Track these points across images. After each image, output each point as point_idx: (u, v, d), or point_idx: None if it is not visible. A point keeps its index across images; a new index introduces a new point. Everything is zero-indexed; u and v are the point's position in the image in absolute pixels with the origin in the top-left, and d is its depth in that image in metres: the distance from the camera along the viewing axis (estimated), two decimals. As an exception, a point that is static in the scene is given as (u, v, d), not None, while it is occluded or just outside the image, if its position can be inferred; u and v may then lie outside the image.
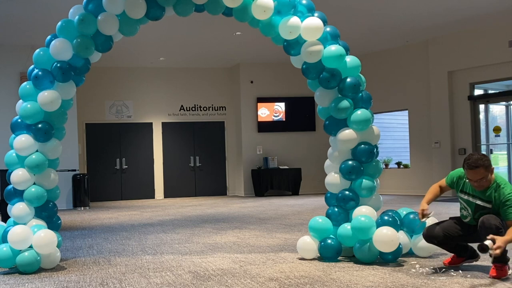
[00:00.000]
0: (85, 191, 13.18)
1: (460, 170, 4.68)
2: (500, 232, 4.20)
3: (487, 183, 4.41)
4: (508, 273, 4.37)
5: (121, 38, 5.71)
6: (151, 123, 16.00)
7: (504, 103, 13.58)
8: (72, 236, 7.70)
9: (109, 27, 5.37)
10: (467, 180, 4.51)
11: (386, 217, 5.16)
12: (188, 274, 4.80)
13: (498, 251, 3.98)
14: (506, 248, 4.21)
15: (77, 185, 13.15)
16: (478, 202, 4.50)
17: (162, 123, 16.08)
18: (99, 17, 5.33)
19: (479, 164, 4.34)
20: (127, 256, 5.89)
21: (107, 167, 15.52)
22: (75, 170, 13.20)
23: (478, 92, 13.50)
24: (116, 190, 15.57)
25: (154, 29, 11.60)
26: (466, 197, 4.60)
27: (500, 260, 4.29)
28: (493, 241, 4.02)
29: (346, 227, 5.17)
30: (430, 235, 4.74)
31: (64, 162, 13.04)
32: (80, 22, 5.29)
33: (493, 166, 4.46)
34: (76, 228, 8.75)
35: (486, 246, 3.98)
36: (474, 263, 4.88)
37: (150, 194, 15.86)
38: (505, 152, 13.54)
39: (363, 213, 5.13)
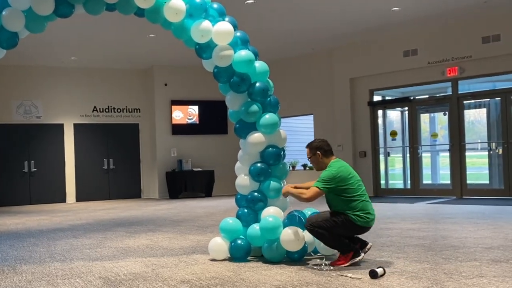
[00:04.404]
0: (-10, 196, 12.44)
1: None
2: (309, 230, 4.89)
3: (316, 165, 5.09)
4: (346, 263, 4.83)
5: (29, 35, 5.44)
6: (62, 124, 15.39)
7: (399, 109, 14.29)
8: (-26, 244, 7.23)
9: (14, 23, 5.11)
10: None
11: (292, 217, 5.28)
12: (99, 280, 4.66)
13: (283, 191, 5.07)
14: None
15: (-19, 190, 12.40)
16: None
17: (74, 124, 15.51)
18: (3, 12, 5.06)
19: (308, 144, 5.16)
20: (34, 264, 5.62)
21: (15, 170, 14.74)
22: (-21, 174, 12.44)
23: (377, 98, 14.12)
24: (24, 194, 14.82)
25: (65, 27, 11.18)
26: None
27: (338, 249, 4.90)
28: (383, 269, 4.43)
29: (255, 228, 5.24)
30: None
31: (-33, 165, 12.30)
32: (-19, 18, 4.99)
33: (320, 152, 5.04)
34: (-21, 235, 8.23)
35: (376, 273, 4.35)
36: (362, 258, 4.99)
37: (61, 198, 15.24)
38: (401, 155, 14.26)
39: (271, 213, 5.22)
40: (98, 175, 15.69)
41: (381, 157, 14.01)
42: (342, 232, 4.86)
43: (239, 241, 5.27)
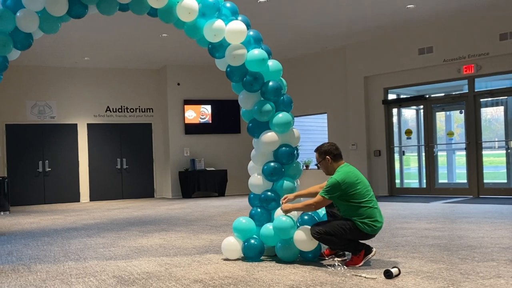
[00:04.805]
0: (5, 195, 12.56)
1: None
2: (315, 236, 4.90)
3: (325, 170, 5.09)
4: (360, 263, 4.83)
5: (43, 36, 5.49)
6: (76, 124, 15.52)
7: (414, 107, 14.20)
8: (-10, 243, 7.33)
9: (29, 24, 5.16)
10: None
11: (306, 217, 5.27)
12: (112, 279, 4.70)
13: (283, 207, 5.03)
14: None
15: (-4, 189, 12.54)
16: None
17: (88, 124, 15.63)
18: (17, 14, 5.11)
19: (316, 149, 5.15)
20: (49, 263, 5.68)
21: (29, 170, 14.90)
22: (-6, 174, 12.59)
23: (391, 96, 14.04)
24: (38, 194, 14.97)
25: (78, 28, 11.27)
26: None
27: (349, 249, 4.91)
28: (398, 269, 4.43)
29: (268, 227, 5.24)
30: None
31: (-18, 165, 12.45)
32: (-3, 19, 5.05)
33: (329, 156, 5.03)
34: (-6, 234, 8.34)
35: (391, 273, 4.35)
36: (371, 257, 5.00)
37: (75, 198, 15.36)
38: (416, 154, 14.17)
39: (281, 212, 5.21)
40: (111, 174, 15.80)
41: (396, 156, 13.93)
42: (348, 238, 4.86)
43: (252, 241, 5.28)
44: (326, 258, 5.15)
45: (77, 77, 15.57)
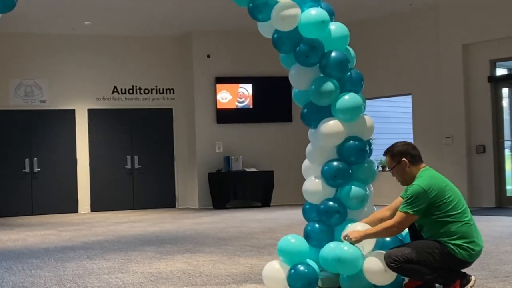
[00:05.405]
0: (-18, 204, 12.96)
1: None
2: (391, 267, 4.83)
3: (401, 177, 5.07)
4: None
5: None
6: (73, 110, 15.82)
7: (533, 86, 13.92)
8: (-37, 265, 7.57)
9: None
10: None
11: (387, 238, 5.19)
12: (120, 315, 4.78)
13: (350, 236, 4.91)
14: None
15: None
16: None
17: (89, 110, 15.92)
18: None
19: (387, 150, 5.13)
20: (38, 292, 5.82)
21: (13, 171, 15.28)
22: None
23: (501, 72, 13.78)
24: (24, 202, 15.35)
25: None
26: None
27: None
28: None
29: (331, 248, 5.19)
30: None
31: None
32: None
33: (406, 158, 4.97)
34: (-32, 254, 8.60)
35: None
36: None
37: (72, 207, 15.69)
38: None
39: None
40: (119, 177, 16.05)
41: (507, 153, 13.68)
42: (437, 266, 4.79)
43: (301, 267, 5.24)
44: None
45: (75, 47, 15.84)
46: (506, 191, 13.62)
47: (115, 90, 16.14)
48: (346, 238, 4.95)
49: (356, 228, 5.08)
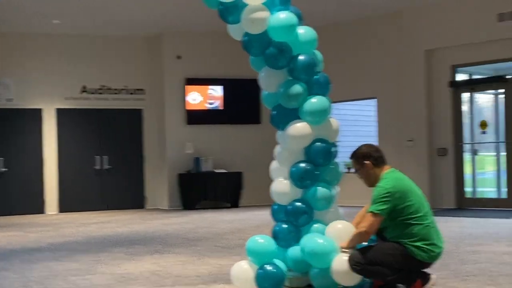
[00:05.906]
0: None
1: None
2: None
3: (366, 179, 5.20)
4: None
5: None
6: (41, 110, 15.70)
7: (492, 91, 14.10)
8: None
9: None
10: None
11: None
12: (88, 316, 4.80)
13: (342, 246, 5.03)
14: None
15: None
16: None
17: (57, 109, 15.80)
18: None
19: (352, 153, 5.27)
20: (5, 293, 5.81)
21: (-21, 171, 15.13)
22: None
23: (461, 77, 13.96)
24: (-10, 202, 15.19)
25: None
26: None
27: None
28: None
29: (301, 248, 5.27)
30: None
31: None
32: None
33: (369, 161, 5.09)
34: None
35: None
36: None
37: (39, 208, 15.56)
38: (493, 154, 14.08)
39: (338, 229, 5.23)
40: (88, 177, 15.96)
41: (467, 156, 13.88)
42: (398, 268, 4.89)
43: (268, 267, 5.30)
44: None
45: (43, 46, 15.73)
46: (465, 193, 13.82)
47: (84, 90, 16.04)
48: (344, 248, 5.09)
49: (336, 226, 5.23)
